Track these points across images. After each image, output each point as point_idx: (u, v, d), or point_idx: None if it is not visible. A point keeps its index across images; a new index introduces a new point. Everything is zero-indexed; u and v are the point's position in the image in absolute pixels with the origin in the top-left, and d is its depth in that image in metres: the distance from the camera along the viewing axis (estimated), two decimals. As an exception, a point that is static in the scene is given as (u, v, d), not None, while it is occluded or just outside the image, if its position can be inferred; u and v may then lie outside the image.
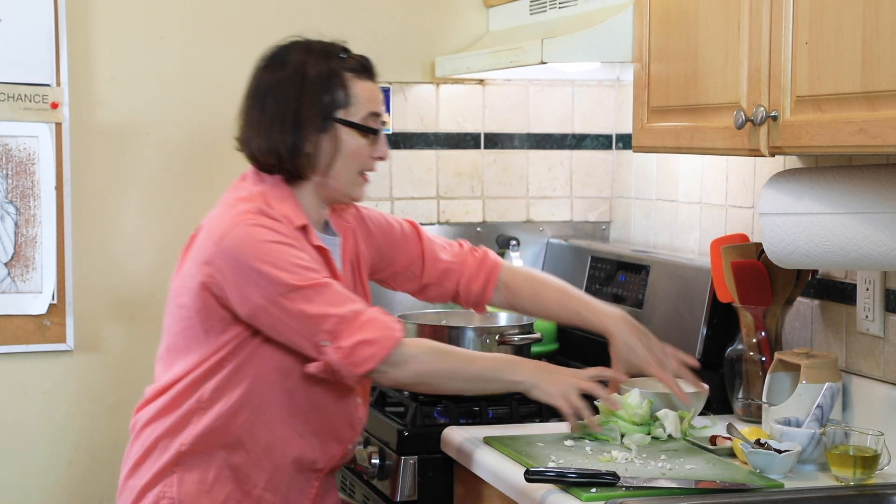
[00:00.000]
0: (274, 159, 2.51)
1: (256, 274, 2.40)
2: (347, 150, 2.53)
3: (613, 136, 3.80)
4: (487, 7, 3.69)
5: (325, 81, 2.51)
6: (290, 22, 3.53)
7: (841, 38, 2.13)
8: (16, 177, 3.33)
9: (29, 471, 3.42)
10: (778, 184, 2.47)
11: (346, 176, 2.55)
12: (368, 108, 2.54)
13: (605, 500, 2.26)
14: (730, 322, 2.94)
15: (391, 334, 2.42)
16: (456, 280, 2.83)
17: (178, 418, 2.50)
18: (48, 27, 3.32)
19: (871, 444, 2.36)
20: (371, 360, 2.40)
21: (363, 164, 2.57)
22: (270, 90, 2.52)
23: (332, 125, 2.51)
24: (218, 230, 2.44)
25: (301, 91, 2.50)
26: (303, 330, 2.41)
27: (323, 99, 2.50)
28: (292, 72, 2.51)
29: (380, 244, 2.78)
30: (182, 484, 2.50)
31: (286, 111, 2.50)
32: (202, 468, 2.50)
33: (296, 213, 2.50)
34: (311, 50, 2.54)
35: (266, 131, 2.51)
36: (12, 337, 3.36)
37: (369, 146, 2.55)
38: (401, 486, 2.78)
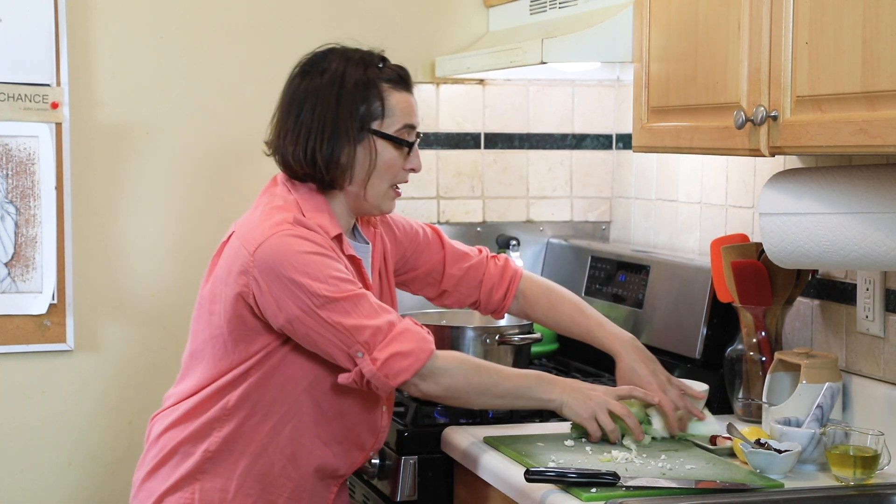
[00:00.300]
0: (308, 168, 2.49)
1: (293, 285, 2.38)
2: (382, 162, 2.52)
3: (613, 136, 3.80)
4: (487, 7, 3.69)
5: (363, 91, 2.49)
6: (290, 22, 3.54)
7: (841, 38, 2.13)
8: (16, 177, 3.33)
9: (29, 471, 3.42)
10: (778, 184, 2.47)
11: (380, 188, 2.54)
12: (404, 120, 2.53)
13: (606, 500, 2.26)
14: (730, 322, 2.94)
15: (425, 346, 2.42)
16: (477, 288, 2.84)
17: (202, 425, 2.49)
18: (48, 27, 3.32)
19: (871, 444, 2.36)
20: (405, 373, 2.40)
21: (396, 177, 2.56)
22: (308, 98, 2.50)
23: (367, 136, 2.50)
24: (254, 240, 2.42)
25: (338, 100, 2.48)
26: (339, 341, 2.40)
27: (360, 109, 2.49)
28: (330, 80, 2.49)
29: (405, 249, 2.79)
30: (204, 492, 2.49)
31: (323, 120, 2.48)
32: (225, 476, 2.49)
33: (331, 224, 2.49)
34: (349, 58, 2.53)
35: (302, 139, 2.49)
36: (12, 337, 3.36)
37: (402, 158, 2.55)
38: (401, 486, 2.78)
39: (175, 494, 2.49)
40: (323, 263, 2.40)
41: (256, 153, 3.34)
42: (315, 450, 2.53)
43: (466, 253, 2.85)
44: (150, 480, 2.53)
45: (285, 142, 2.52)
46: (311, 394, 2.50)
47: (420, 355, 2.41)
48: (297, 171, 2.52)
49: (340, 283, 2.40)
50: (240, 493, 2.48)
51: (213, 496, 2.48)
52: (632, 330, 3.27)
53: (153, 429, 2.57)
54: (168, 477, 2.51)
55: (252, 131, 3.38)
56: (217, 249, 2.53)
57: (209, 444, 2.49)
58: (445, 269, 2.82)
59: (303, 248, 2.40)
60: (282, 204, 2.48)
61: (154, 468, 2.53)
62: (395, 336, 2.40)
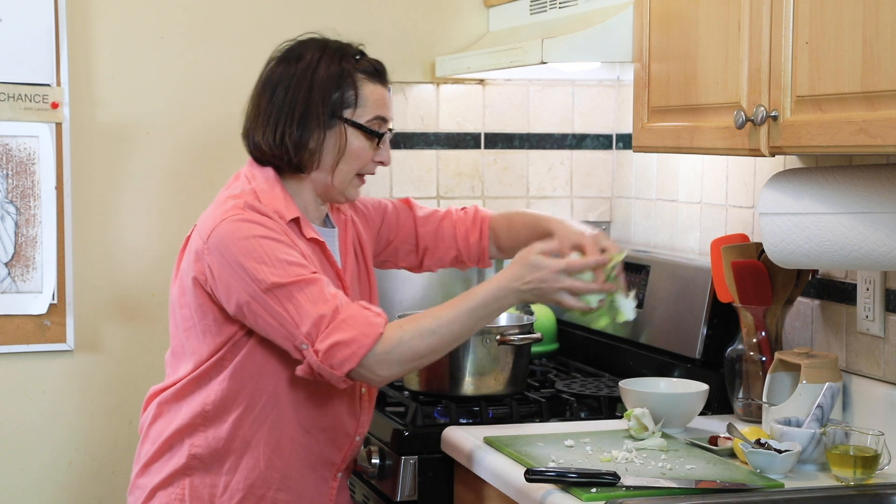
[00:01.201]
0: (277, 150, 2.51)
1: (241, 269, 2.39)
2: (350, 150, 2.53)
3: (613, 136, 3.80)
4: (487, 7, 3.69)
5: (336, 80, 2.51)
6: (290, 22, 3.53)
7: (841, 38, 2.13)
8: (16, 177, 3.33)
9: (29, 471, 3.42)
10: (778, 184, 2.47)
11: (346, 176, 2.56)
12: (376, 111, 2.55)
13: (606, 500, 2.26)
14: (730, 322, 2.94)
15: (369, 331, 2.37)
16: (453, 238, 2.84)
17: (187, 420, 2.50)
18: (48, 27, 3.32)
19: (872, 444, 2.36)
20: (349, 362, 2.37)
21: (363, 167, 2.57)
22: (282, 82, 2.53)
23: (338, 123, 2.51)
24: (207, 227, 2.45)
25: (311, 86, 2.50)
26: (283, 331, 2.39)
27: (332, 96, 2.51)
28: (305, 67, 2.52)
29: (378, 226, 2.81)
30: (193, 487, 2.49)
31: (294, 104, 2.50)
32: (214, 471, 2.49)
33: (287, 207, 2.49)
34: (326, 48, 2.55)
35: (273, 122, 2.51)
36: (12, 337, 3.36)
37: (372, 149, 2.56)
38: (401, 486, 2.78)
39: (166, 489, 2.51)
40: (271, 247, 2.40)
41: (256, 153, 3.36)
42: (298, 437, 2.53)
43: (435, 210, 2.89)
44: (143, 476, 2.55)
45: (256, 124, 2.54)
46: (287, 382, 2.50)
47: (363, 342, 2.37)
48: (266, 153, 2.53)
49: (289, 267, 2.39)
50: (229, 487, 2.49)
51: (203, 491, 2.49)
52: (632, 330, 3.28)
53: (144, 423, 2.59)
54: (159, 472, 2.52)
55: (252, 131, 3.39)
56: (182, 245, 2.55)
57: (195, 438, 2.50)
58: (418, 230, 2.84)
59: (251, 231, 2.40)
60: (238, 192, 2.50)
61: (146, 464, 2.55)
62: (337, 324, 2.37)
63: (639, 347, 3.26)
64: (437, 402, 2.97)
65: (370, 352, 2.37)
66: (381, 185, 3.65)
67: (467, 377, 2.96)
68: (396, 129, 3.66)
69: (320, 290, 2.39)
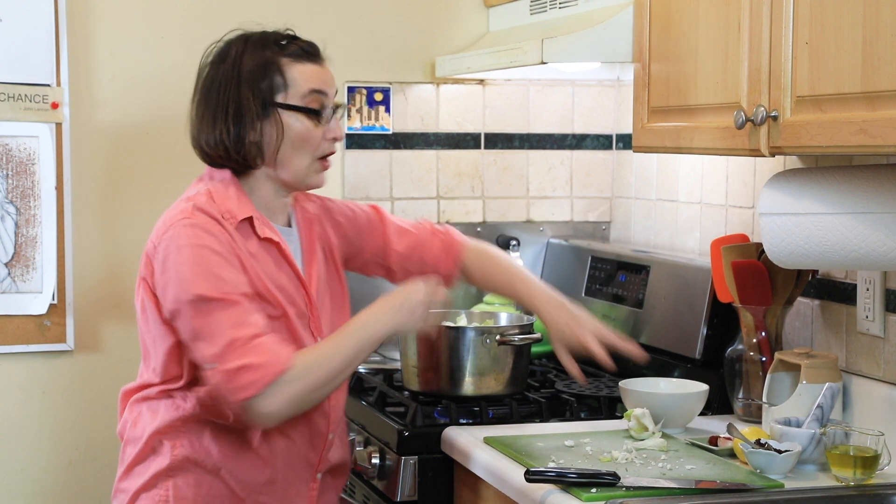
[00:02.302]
0: (221, 151, 2.49)
1: (176, 274, 2.38)
2: (294, 134, 2.49)
3: (613, 136, 3.80)
4: (487, 7, 3.69)
5: (261, 69, 2.50)
6: (289, 23, 3.53)
7: (841, 38, 2.13)
8: (16, 177, 3.33)
9: (29, 471, 3.42)
10: (778, 184, 2.47)
11: (300, 162, 2.51)
12: (309, 86, 2.50)
13: (606, 500, 2.26)
14: (730, 322, 2.94)
15: (278, 361, 2.34)
16: (421, 264, 2.79)
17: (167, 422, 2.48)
18: (48, 27, 3.32)
19: (872, 444, 2.35)
20: (252, 387, 2.33)
21: (316, 148, 2.52)
22: (213, 84, 2.52)
23: (273, 111, 2.49)
24: (157, 230, 2.45)
25: (239, 81, 2.49)
26: (197, 344, 2.37)
27: (261, 86, 2.49)
28: (231, 64, 2.51)
29: (346, 233, 2.74)
30: (177, 489, 2.48)
31: (228, 103, 2.49)
32: (197, 474, 2.48)
33: (240, 207, 2.47)
34: (248, 40, 2.55)
35: (211, 124, 2.50)
36: (12, 337, 3.36)
37: (317, 128, 2.51)
38: (401, 486, 2.78)
39: (150, 492, 2.50)
40: (209, 259, 2.38)
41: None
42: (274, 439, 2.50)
43: (408, 229, 2.82)
44: (126, 479, 2.54)
45: (199, 129, 2.53)
46: None
47: (271, 369, 2.33)
48: (212, 156, 2.52)
49: (219, 283, 2.36)
50: (212, 491, 2.48)
51: (187, 492, 2.48)
52: (632, 330, 3.28)
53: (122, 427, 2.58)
54: (142, 475, 2.51)
55: (252, 131, 3.39)
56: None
57: (177, 440, 2.48)
58: (389, 247, 2.79)
59: (195, 239, 2.39)
60: (193, 195, 2.49)
61: (129, 466, 2.54)
62: (250, 349, 2.34)
63: (639, 347, 3.25)
64: (437, 403, 2.97)
65: (273, 382, 2.33)
66: (382, 185, 3.65)
67: (467, 377, 2.96)
68: (396, 129, 3.66)
69: (242, 314, 2.36)
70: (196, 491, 2.48)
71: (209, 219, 2.42)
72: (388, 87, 3.64)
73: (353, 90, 3.60)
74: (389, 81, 3.64)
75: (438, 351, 2.98)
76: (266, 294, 2.45)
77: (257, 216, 2.49)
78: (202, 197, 2.47)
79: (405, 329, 2.52)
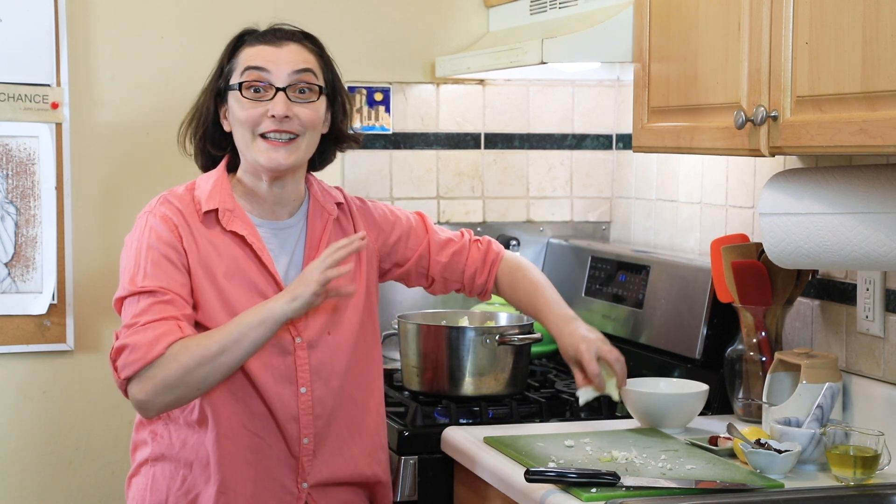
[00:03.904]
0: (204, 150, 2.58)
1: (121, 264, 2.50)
2: (235, 114, 2.50)
3: (613, 136, 3.80)
4: (487, 7, 3.69)
5: (223, 59, 2.56)
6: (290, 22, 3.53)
7: (841, 38, 2.13)
8: (16, 177, 3.33)
9: (29, 471, 3.42)
10: (778, 184, 2.47)
11: (243, 141, 2.49)
12: (245, 64, 2.50)
13: (606, 500, 2.26)
14: (730, 322, 2.94)
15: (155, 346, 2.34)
16: (461, 273, 2.77)
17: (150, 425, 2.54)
18: (48, 27, 3.32)
19: (872, 444, 2.36)
20: (127, 368, 2.36)
21: (254, 125, 2.47)
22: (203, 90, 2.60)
23: (226, 97, 2.53)
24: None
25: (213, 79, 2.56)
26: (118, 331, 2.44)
27: (219, 81, 2.55)
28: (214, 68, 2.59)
29: (386, 235, 2.70)
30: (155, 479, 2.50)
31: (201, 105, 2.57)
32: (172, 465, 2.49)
33: (210, 198, 2.49)
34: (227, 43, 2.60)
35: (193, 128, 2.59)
36: (12, 337, 3.36)
37: (257, 106, 2.47)
38: (401, 486, 2.78)
39: (138, 477, 2.55)
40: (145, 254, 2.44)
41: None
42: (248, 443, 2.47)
43: (450, 238, 2.78)
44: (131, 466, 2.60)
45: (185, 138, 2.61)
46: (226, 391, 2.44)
47: (148, 352, 2.34)
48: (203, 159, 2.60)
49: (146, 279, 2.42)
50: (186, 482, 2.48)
51: (161, 483, 2.50)
52: (632, 330, 3.28)
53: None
54: (135, 461, 2.57)
55: (252, 131, 3.39)
56: None
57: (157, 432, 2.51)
58: (431, 256, 2.75)
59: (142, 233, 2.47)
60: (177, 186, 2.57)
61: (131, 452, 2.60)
62: (135, 331, 2.37)
63: (639, 347, 3.26)
64: (437, 403, 2.97)
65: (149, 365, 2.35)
66: (382, 185, 3.65)
67: (467, 377, 2.96)
68: (396, 129, 3.66)
69: (153, 304, 2.39)
70: (169, 483, 2.50)
71: (163, 213, 2.48)
72: (388, 87, 3.64)
73: (353, 90, 3.60)
74: (389, 81, 3.64)
75: (438, 351, 2.98)
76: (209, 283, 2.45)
77: (229, 208, 2.49)
78: (180, 188, 2.55)
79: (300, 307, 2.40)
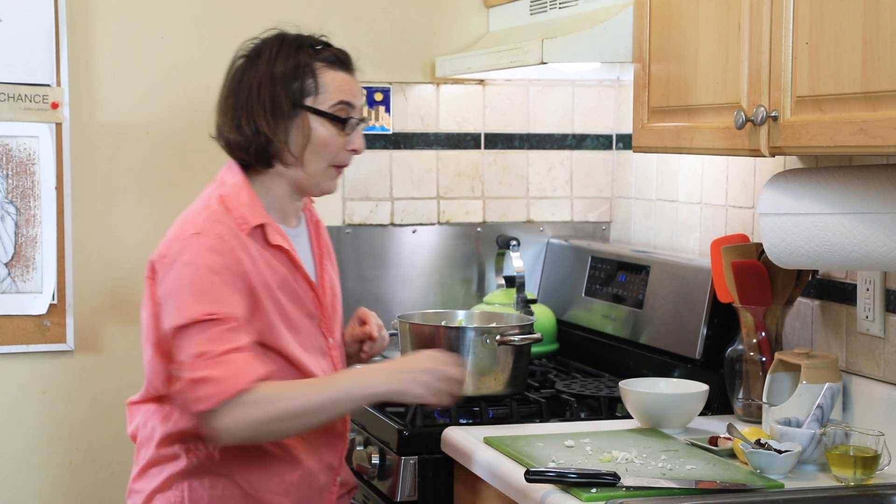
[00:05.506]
0: (244, 145, 2.51)
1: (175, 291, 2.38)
2: (317, 139, 2.51)
3: (613, 136, 3.80)
4: (487, 7, 3.69)
5: (294, 71, 2.51)
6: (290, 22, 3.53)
7: (841, 39, 2.13)
8: (16, 177, 3.33)
9: (29, 471, 3.42)
10: (778, 184, 2.47)
11: (317, 167, 2.52)
12: (339, 97, 2.52)
13: (606, 500, 2.26)
14: (730, 322, 2.94)
15: (239, 379, 2.32)
16: None
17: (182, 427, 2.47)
18: (48, 27, 3.32)
19: (872, 444, 2.36)
20: (208, 400, 2.32)
21: (335, 156, 2.53)
22: (243, 81, 2.53)
23: (300, 113, 2.50)
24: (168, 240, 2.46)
25: (272, 79, 2.50)
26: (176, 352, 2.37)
27: (292, 87, 2.50)
28: (265, 61, 2.52)
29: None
30: (193, 490, 2.47)
31: (258, 99, 2.50)
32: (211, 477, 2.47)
33: (252, 213, 2.48)
34: (283, 41, 2.56)
35: (237, 119, 2.51)
36: (12, 337, 3.36)
37: (340, 137, 2.52)
38: (401, 486, 2.78)
39: (165, 493, 2.49)
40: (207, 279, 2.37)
41: (256, 153, 3.36)
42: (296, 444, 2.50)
43: None
44: (141, 480, 2.53)
45: (225, 121, 2.54)
46: None
47: (233, 385, 2.31)
48: (236, 150, 2.54)
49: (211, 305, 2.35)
50: (227, 492, 2.47)
51: (202, 493, 2.48)
52: (632, 330, 3.28)
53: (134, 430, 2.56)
54: (157, 476, 2.50)
55: (252, 131, 3.39)
56: None
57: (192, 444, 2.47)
58: None
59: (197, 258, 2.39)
60: (204, 203, 2.49)
61: (144, 468, 2.52)
62: (216, 362, 2.33)
63: (639, 347, 3.26)
64: (437, 403, 2.97)
65: (232, 398, 2.32)
66: (382, 185, 3.65)
67: (467, 377, 2.96)
68: (396, 129, 3.66)
69: (223, 332, 2.35)
70: (211, 493, 2.47)
71: (220, 233, 2.42)
72: (388, 87, 3.64)
73: (353, 90, 3.60)
74: (389, 81, 3.64)
75: (438, 351, 2.98)
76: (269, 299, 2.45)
77: (268, 222, 2.49)
78: (216, 206, 2.47)
79: (403, 397, 2.46)
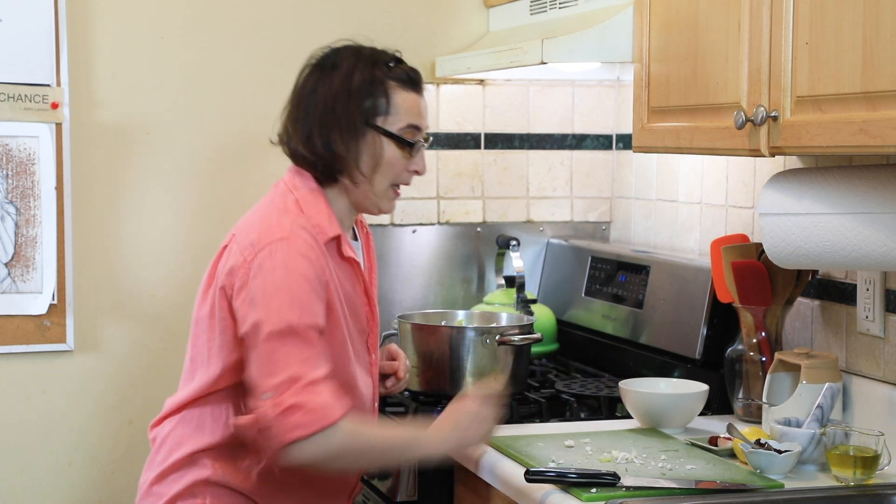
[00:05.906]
0: (310, 157, 2.49)
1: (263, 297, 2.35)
2: (384, 159, 2.50)
3: (613, 136, 3.80)
4: (487, 7, 3.69)
5: (369, 87, 2.48)
6: (289, 22, 3.54)
7: (841, 39, 2.13)
8: (16, 177, 3.33)
9: (29, 471, 3.42)
10: (778, 184, 2.47)
11: (380, 186, 2.52)
12: (408, 119, 2.51)
13: (606, 500, 2.26)
14: (730, 322, 2.94)
15: (331, 412, 2.31)
16: None
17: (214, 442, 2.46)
18: (48, 27, 3.32)
19: (872, 444, 2.36)
20: (299, 429, 2.30)
21: (397, 177, 2.53)
22: (316, 90, 2.50)
23: (370, 131, 2.48)
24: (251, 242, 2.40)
25: (345, 94, 2.48)
26: (259, 370, 2.33)
27: (364, 104, 2.48)
28: (340, 75, 2.49)
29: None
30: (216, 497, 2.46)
31: (328, 112, 2.48)
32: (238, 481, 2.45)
33: (329, 223, 2.46)
34: (360, 55, 2.52)
35: (307, 130, 2.49)
36: (12, 337, 3.36)
37: (405, 159, 2.52)
38: (401, 486, 2.78)
39: (187, 500, 2.46)
40: (299, 286, 2.35)
41: (256, 153, 3.36)
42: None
43: None
44: (160, 484, 2.49)
45: (294, 131, 2.52)
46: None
47: (324, 417, 2.30)
48: (303, 161, 2.51)
49: (303, 314, 2.34)
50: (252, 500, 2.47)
51: (226, 500, 2.47)
52: (632, 330, 3.28)
53: (157, 436, 2.53)
54: (178, 481, 2.47)
55: (252, 131, 3.39)
56: (217, 252, 2.52)
57: (217, 461, 2.45)
58: None
59: (289, 262, 2.36)
60: (282, 206, 2.46)
61: (164, 472, 2.49)
62: (310, 390, 2.31)
63: (639, 347, 3.26)
64: (437, 402, 2.97)
65: (320, 431, 2.31)
66: (381, 186, 3.65)
67: (467, 377, 2.96)
68: (396, 129, 3.66)
69: (314, 354, 2.34)
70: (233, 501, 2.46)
71: (307, 240, 2.40)
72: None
73: (353, 90, 3.60)
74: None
75: (439, 351, 2.98)
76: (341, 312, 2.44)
77: (342, 233, 2.49)
78: (294, 208, 2.45)
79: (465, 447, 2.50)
